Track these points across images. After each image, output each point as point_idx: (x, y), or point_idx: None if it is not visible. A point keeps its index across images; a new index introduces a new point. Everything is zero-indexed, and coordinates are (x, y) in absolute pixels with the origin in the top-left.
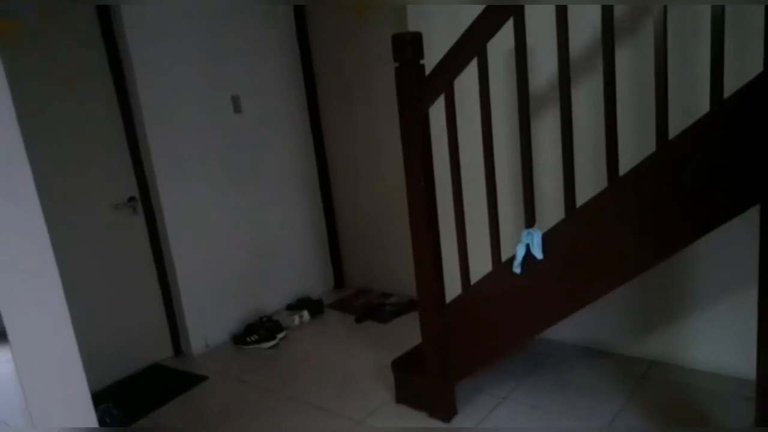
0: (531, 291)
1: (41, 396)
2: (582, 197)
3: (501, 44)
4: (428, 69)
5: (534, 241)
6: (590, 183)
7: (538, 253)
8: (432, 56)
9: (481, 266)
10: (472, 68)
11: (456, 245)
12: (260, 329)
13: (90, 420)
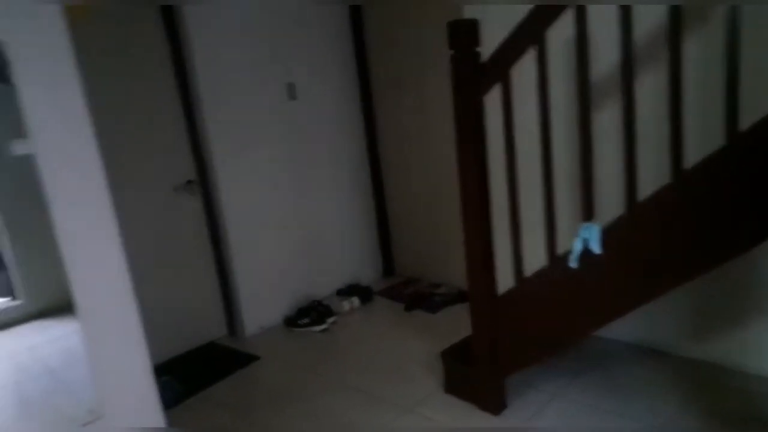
0: (587, 287)
1: (106, 366)
2: (642, 190)
3: (560, 32)
4: (483, 57)
5: (593, 235)
6: (651, 176)
7: (597, 248)
8: (487, 44)
9: (532, 260)
10: (529, 57)
11: (507, 238)
12: (311, 313)
13: (151, 391)
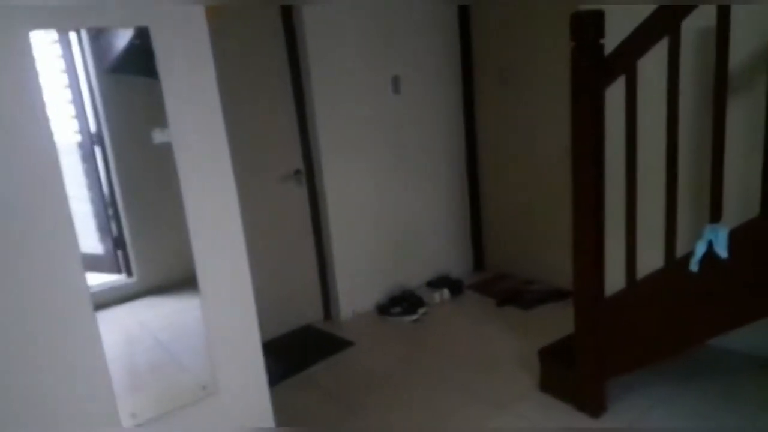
0: (708, 293)
1: (221, 343)
2: None
3: (690, 21)
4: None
5: (719, 238)
6: None
7: (723, 252)
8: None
9: (644, 262)
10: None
11: (616, 238)
12: (403, 302)
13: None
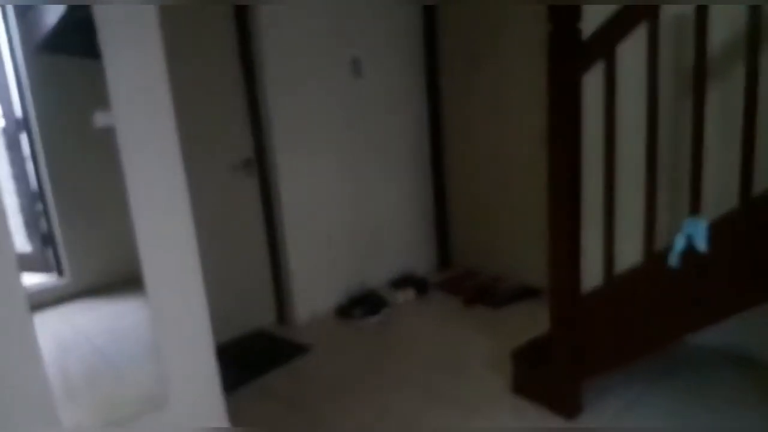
0: (687, 288)
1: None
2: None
3: (667, 9)
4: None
5: (699, 232)
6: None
7: (703, 246)
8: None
9: (623, 257)
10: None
11: (592, 232)
12: (365, 303)
13: (214, 378)
